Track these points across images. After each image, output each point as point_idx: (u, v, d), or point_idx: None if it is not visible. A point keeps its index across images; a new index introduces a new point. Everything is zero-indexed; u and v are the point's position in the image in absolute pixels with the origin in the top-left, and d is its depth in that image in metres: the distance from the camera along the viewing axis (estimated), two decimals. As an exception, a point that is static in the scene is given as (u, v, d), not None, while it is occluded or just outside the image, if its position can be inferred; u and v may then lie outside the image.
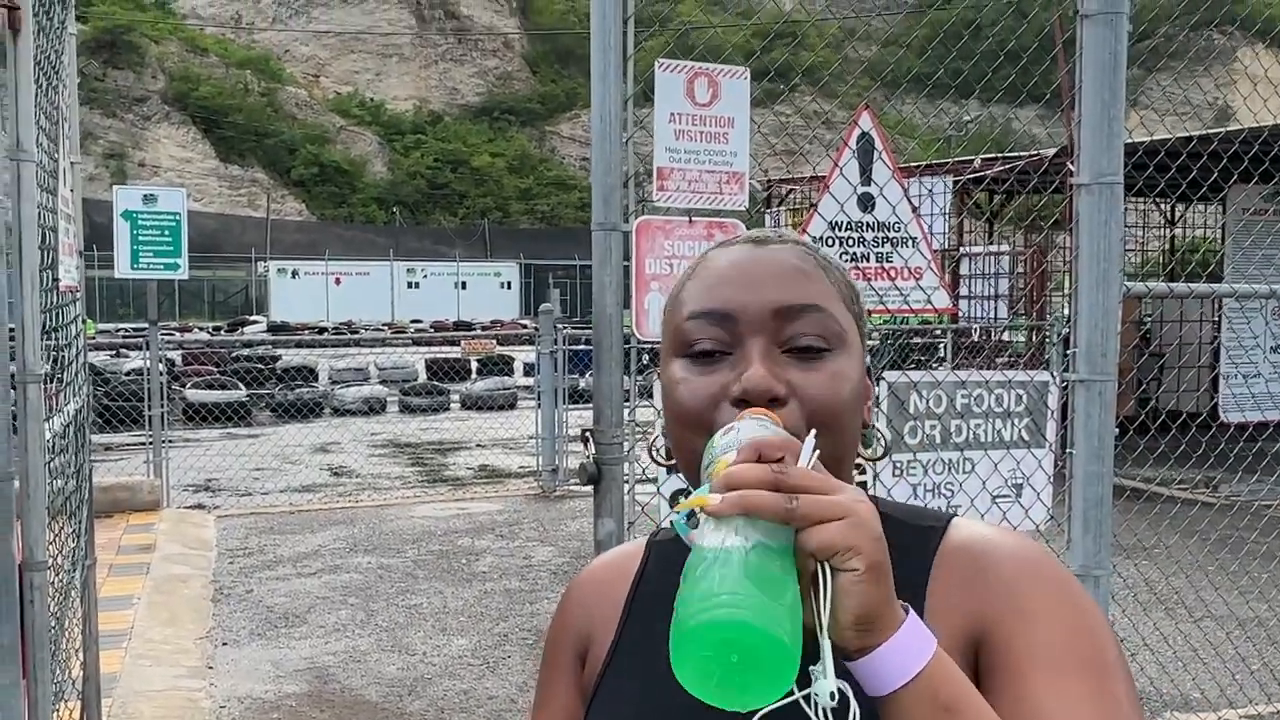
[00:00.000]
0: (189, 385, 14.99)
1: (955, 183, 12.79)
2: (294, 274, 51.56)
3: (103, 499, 6.82)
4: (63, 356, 3.14)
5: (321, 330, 34.50)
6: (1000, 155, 12.18)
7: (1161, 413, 10.47)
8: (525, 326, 40.09)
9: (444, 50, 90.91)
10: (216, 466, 10.41)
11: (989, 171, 12.39)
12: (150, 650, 5.09)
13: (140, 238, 7.83)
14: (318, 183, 74.62)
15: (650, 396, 3.01)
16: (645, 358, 2.99)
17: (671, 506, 3.03)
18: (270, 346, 20.52)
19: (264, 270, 51.89)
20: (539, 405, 9.50)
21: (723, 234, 2.99)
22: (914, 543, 0.87)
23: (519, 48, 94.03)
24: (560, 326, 9.59)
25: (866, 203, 3.11)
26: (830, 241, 3.09)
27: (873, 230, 3.11)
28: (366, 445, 12.45)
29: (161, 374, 8.50)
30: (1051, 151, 11.43)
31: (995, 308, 12.73)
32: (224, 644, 5.35)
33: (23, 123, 2.51)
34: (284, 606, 5.96)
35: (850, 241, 3.10)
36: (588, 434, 2.93)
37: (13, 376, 2.51)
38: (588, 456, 2.94)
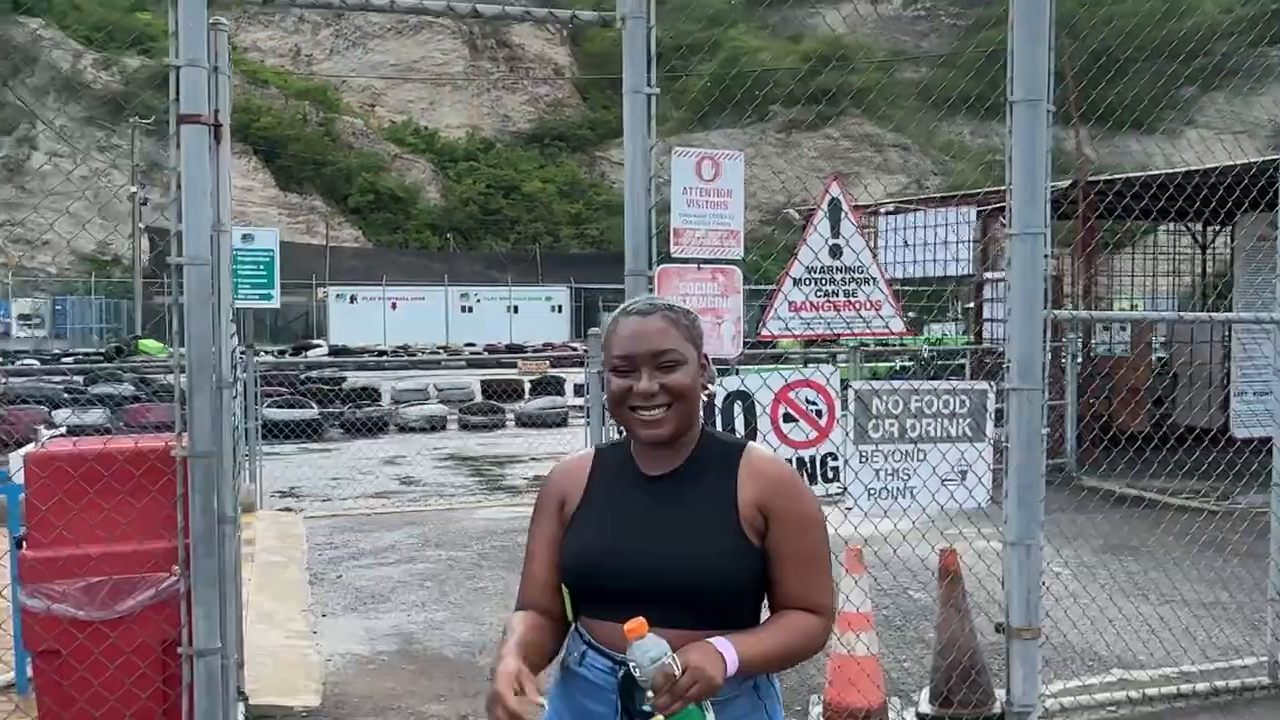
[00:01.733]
0: (265, 404, 16.19)
1: (979, 212, 13.61)
2: (352, 299, 53.12)
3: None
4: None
5: (381, 353, 35.79)
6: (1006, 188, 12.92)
7: (1178, 428, 11.13)
8: (575, 349, 41.13)
9: (496, 79, 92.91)
10: (297, 476, 11.55)
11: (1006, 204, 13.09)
12: (264, 618, 6.12)
13: (240, 272, 8.96)
14: (373, 210, 76.57)
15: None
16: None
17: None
18: (337, 369, 21.78)
19: (323, 295, 53.54)
20: (588, 423, 10.47)
21: (723, 277, 3.95)
22: (726, 453, 1.98)
23: (570, 75, 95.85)
24: (607, 348, 10.56)
25: (836, 251, 4.05)
26: (808, 281, 4.04)
27: (841, 272, 4.06)
28: (430, 458, 13.53)
29: (256, 392, 9.62)
30: (1064, 184, 12.21)
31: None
32: (324, 615, 6.37)
33: (223, 205, 3.55)
34: (370, 588, 6.98)
35: (824, 281, 4.05)
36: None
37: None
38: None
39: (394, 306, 52.83)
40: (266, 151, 74.19)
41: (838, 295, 4.02)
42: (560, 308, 57.44)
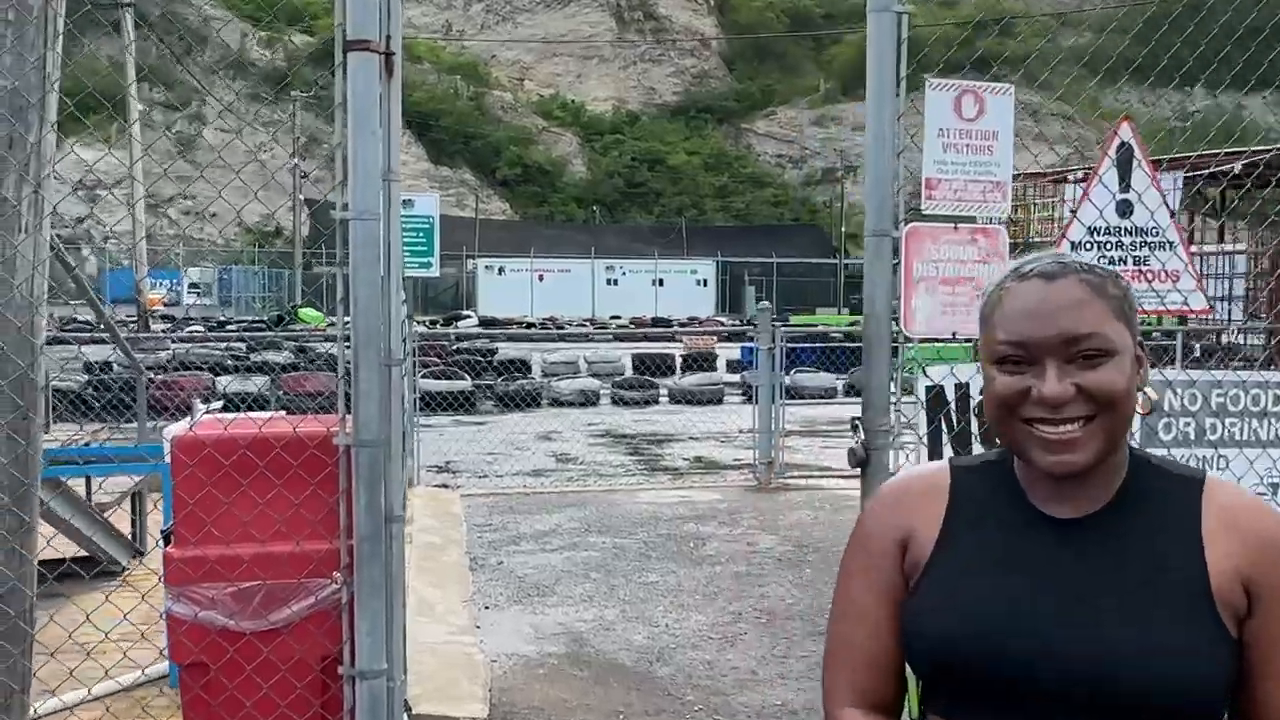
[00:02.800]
0: (419, 375, 16.09)
1: (1187, 179, 12.29)
2: (500, 270, 53.81)
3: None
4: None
5: (529, 325, 35.92)
6: (1241, 150, 11.62)
7: None
8: (722, 323, 40.48)
9: (642, 51, 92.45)
10: (453, 450, 11.27)
11: (1233, 165, 11.77)
12: (425, 609, 5.70)
13: (401, 239, 8.58)
14: (521, 182, 77.47)
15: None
16: (912, 351, 3.25)
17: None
18: (488, 340, 21.69)
19: (472, 267, 54.33)
20: (755, 400, 9.82)
21: (985, 239, 3.21)
22: (1178, 489, 1.28)
23: (716, 46, 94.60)
24: (776, 324, 9.86)
25: (1125, 209, 3.26)
26: (1089, 246, 3.26)
27: (1130, 235, 3.27)
28: (585, 435, 13.11)
29: (415, 363, 9.29)
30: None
31: (1229, 309, 12.20)
32: (486, 607, 5.92)
33: (393, 150, 3.01)
34: (533, 578, 6.51)
35: (1109, 246, 3.27)
36: (856, 421, 3.22)
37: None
38: (857, 442, 3.23)
39: (541, 278, 53.26)
40: (419, 126, 75.75)
41: (1126, 263, 3.24)
42: (706, 281, 56.86)
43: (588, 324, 38.71)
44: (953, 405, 3.24)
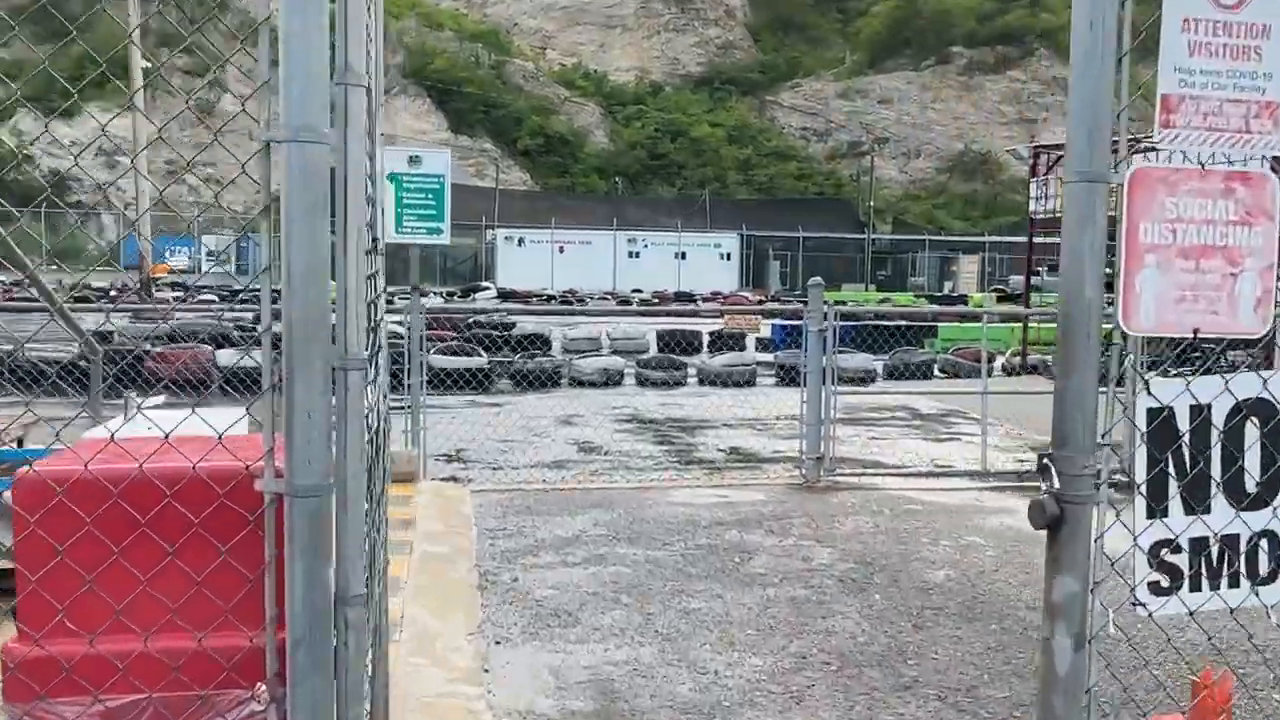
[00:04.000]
0: (431, 351, 15.10)
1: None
2: (520, 242, 52.85)
3: (367, 471, 6.57)
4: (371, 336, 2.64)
5: (550, 298, 34.96)
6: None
7: None
8: (747, 298, 39.37)
9: (666, 20, 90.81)
10: (464, 436, 10.27)
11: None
12: (422, 645, 4.70)
13: (405, 201, 7.57)
14: (542, 153, 76.27)
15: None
16: (1132, 356, 2.19)
17: (1151, 563, 2.23)
18: (505, 314, 20.67)
19: (491, 238, 53.35)
20: (803, 384, 8.76)
21: (1246, 189, 2.14)
22: None
23: (741, 16, 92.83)
24: (829, 303, 8.79)
25: None
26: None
27: None
28: (609, 419, 12.08)
29: (422, 338, 8.27)
30: None
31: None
32: (496, 642, 4.91)
33: (352, 43, 1.96)
34: (553, 601, 5.50)
35: None
36: (1047, 460, 2.16)
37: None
38: (1046, 491, 2.18)
39: (561, 250, 52.31)
40: (441, 94, 74.65)
41: None
42: (729, 255, 55.77)
43: (609, 297, 37.70)
44: (1186, 439, 2.18)
